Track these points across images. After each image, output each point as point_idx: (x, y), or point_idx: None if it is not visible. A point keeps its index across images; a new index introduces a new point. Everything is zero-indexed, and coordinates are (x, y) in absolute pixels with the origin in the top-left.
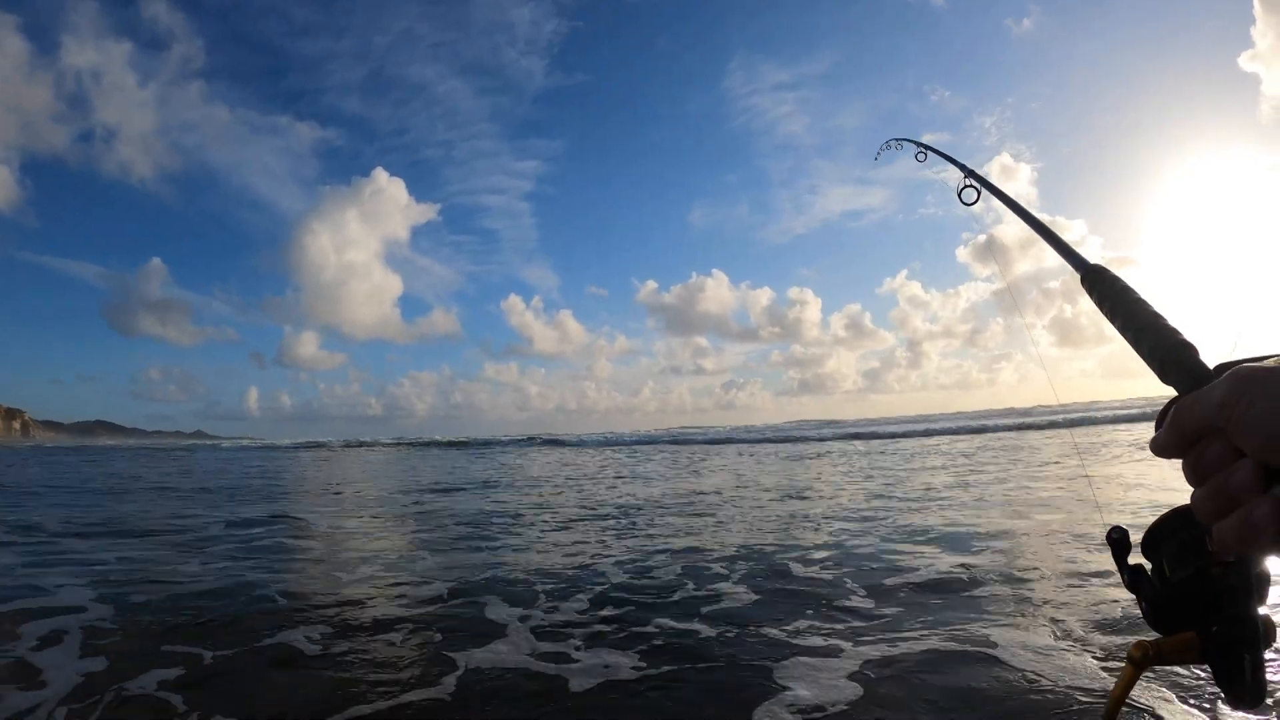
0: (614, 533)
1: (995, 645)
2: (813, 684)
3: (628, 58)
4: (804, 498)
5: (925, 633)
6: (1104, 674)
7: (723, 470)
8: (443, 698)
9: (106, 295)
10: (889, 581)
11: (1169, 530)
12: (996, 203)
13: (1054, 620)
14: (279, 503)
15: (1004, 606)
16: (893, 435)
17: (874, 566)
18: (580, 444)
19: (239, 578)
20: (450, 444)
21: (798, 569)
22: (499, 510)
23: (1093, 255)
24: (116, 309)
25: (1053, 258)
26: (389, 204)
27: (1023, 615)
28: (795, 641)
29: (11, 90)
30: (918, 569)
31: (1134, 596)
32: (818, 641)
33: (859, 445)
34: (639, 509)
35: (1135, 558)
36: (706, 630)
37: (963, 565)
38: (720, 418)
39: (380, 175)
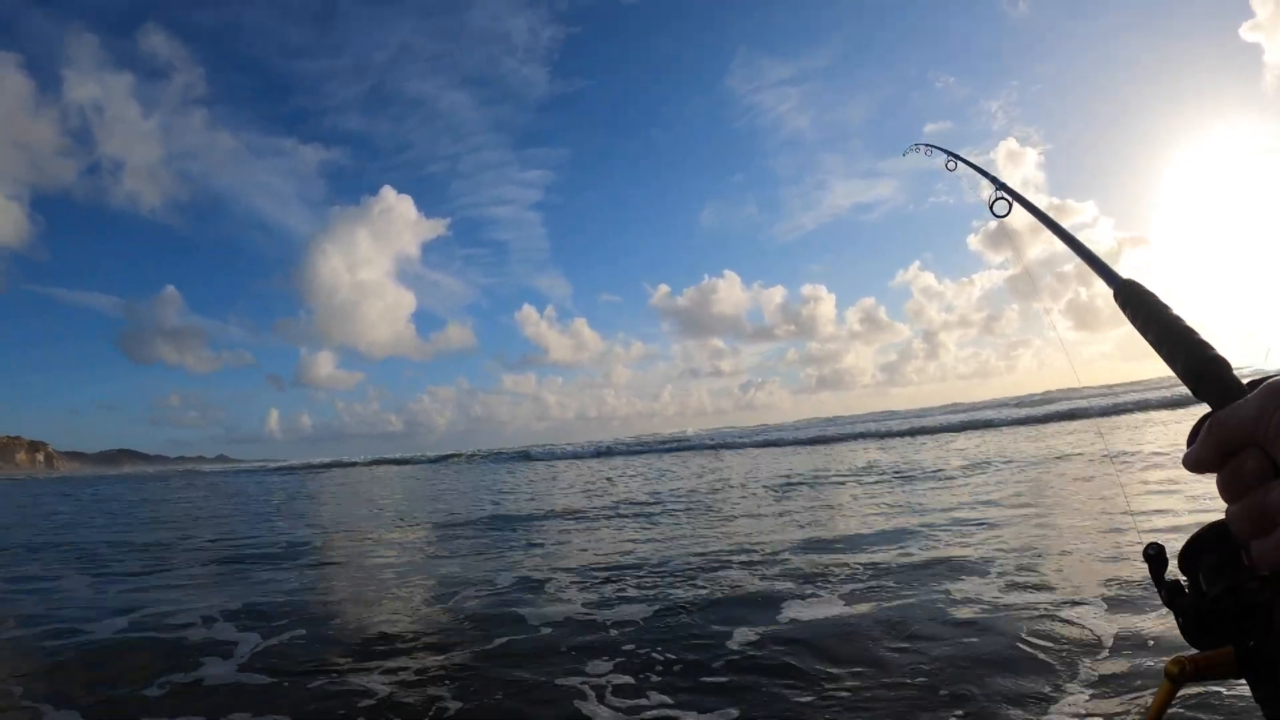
0: None
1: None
2: None
3: (628, 61)
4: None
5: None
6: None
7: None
8: None
9: (121, 325)
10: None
11: (1205, 546)
12: (1011, 186)
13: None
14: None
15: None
16: (913, 432)
17: None
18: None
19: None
20: (510, 455)
21: None
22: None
23: (1105, 236)
24: (132, 338)
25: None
26: (398, 221)
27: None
28: None
29: (17, 128)
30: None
31: (1171, 612)
32: None
33: (879, 453)
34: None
35: (1173, 573)
36: None
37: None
38: (740, 418)
39: (388, 193)
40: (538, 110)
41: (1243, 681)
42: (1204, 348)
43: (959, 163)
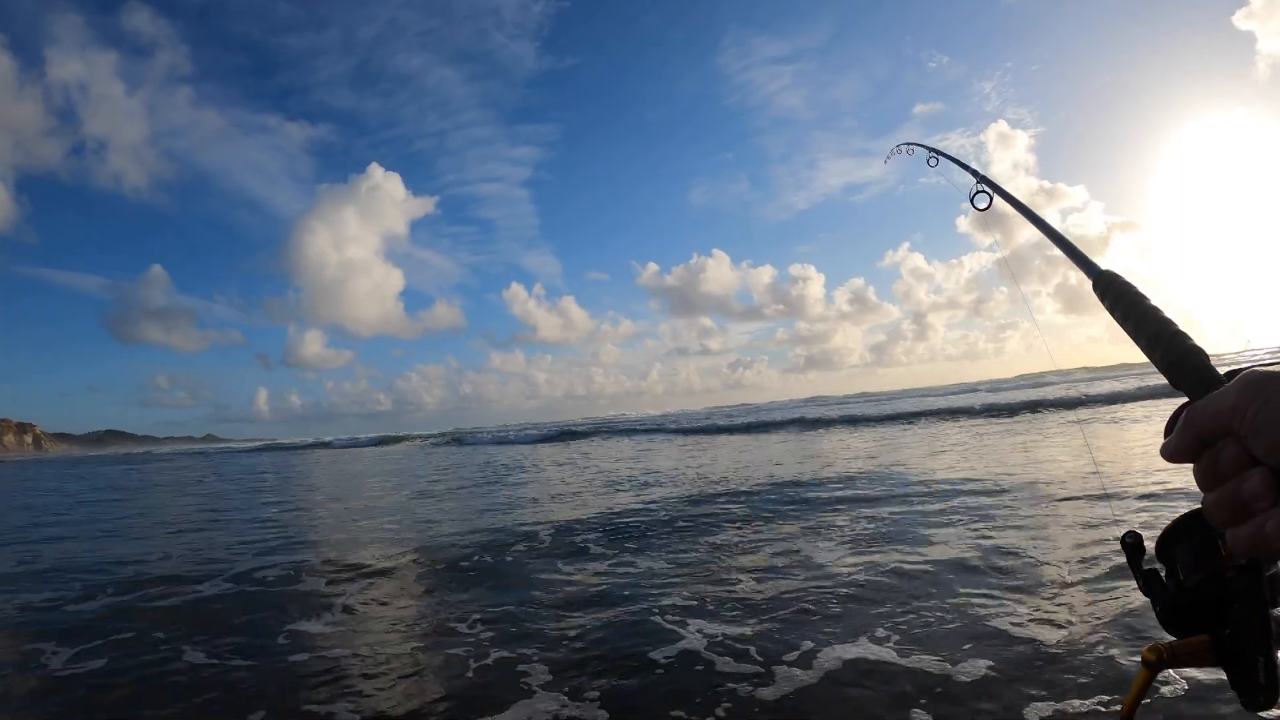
0: None
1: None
2: None
3: (618, 38)
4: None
5: (944, 614)
6: (1119, 677)
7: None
8: None
9: (108, 305)
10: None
11: (1182, 534)
12: (998, 171)
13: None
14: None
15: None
16: (896, 417)
17: None
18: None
19: None
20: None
21: None
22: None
23: (1095, 221)
24: (119, 318)
25: (1055, 224)
26: (386, 199)
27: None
28: None
29: (2, 108)
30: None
31: (1149, 600)
32: None
33: (863, 439)
34: None
35: (1150, 562)
36: None
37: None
38: (728, 397)
39: (376, 170)
40: (527, 86)
41: (1219, 668)
42: (1181, 338)
43: (940, 158)
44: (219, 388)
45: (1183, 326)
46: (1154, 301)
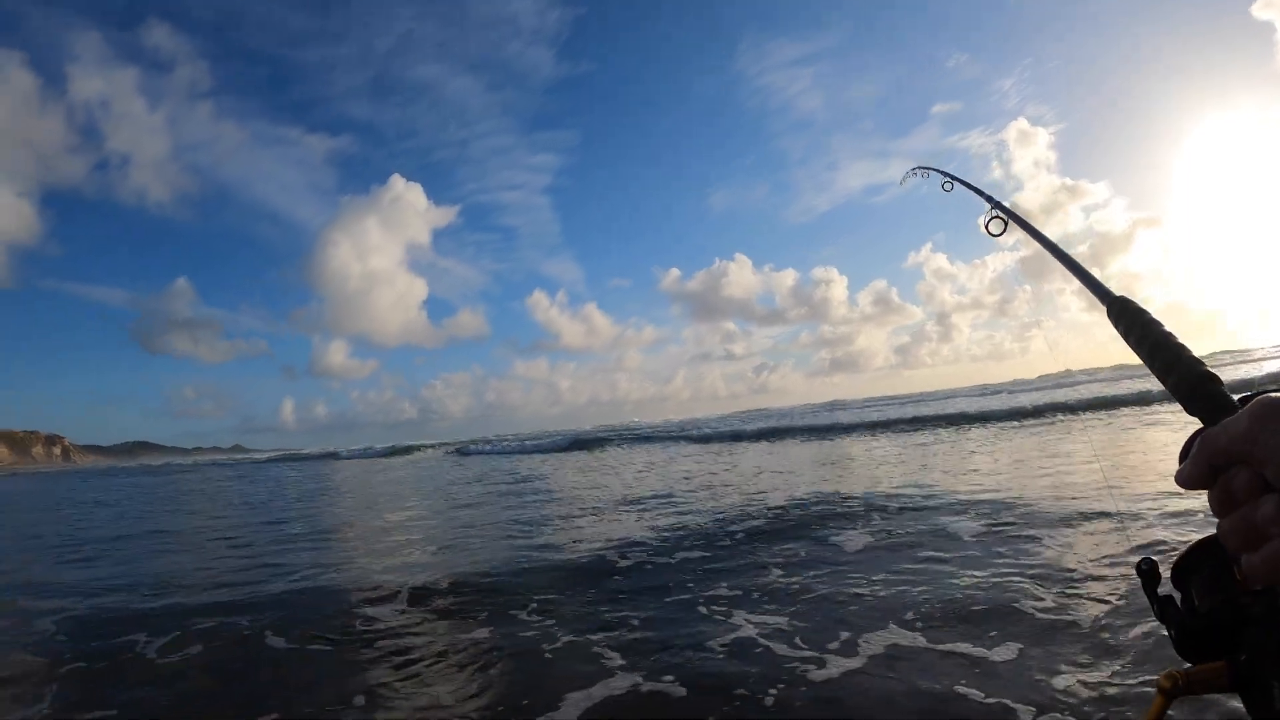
0: None
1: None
2: None
3: (635, 43)
4: None
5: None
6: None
7: None
8: None
9: (134, 318)
10: None
11: (1197, 560)
12: (1018, 169)
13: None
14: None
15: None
16: (923, 422)
17: None
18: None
19: None
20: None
21: None
22: None
23: (1118, 218)
24: (145, 331)
25: (1077, 222)
26: (408, 209)
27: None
28: None
29: (25, 126)
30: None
31: (1164, 626)
32: None
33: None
34: None
35: (1166, 588)
36: None
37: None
38: (753, 401)
39: (397, 181)
40: (545, 94)
41: (1235, 695)
42: (1195, 364)
43: (955, 183)
44: (245, 398)
45: (1208, 324)
46: (1167, 328)
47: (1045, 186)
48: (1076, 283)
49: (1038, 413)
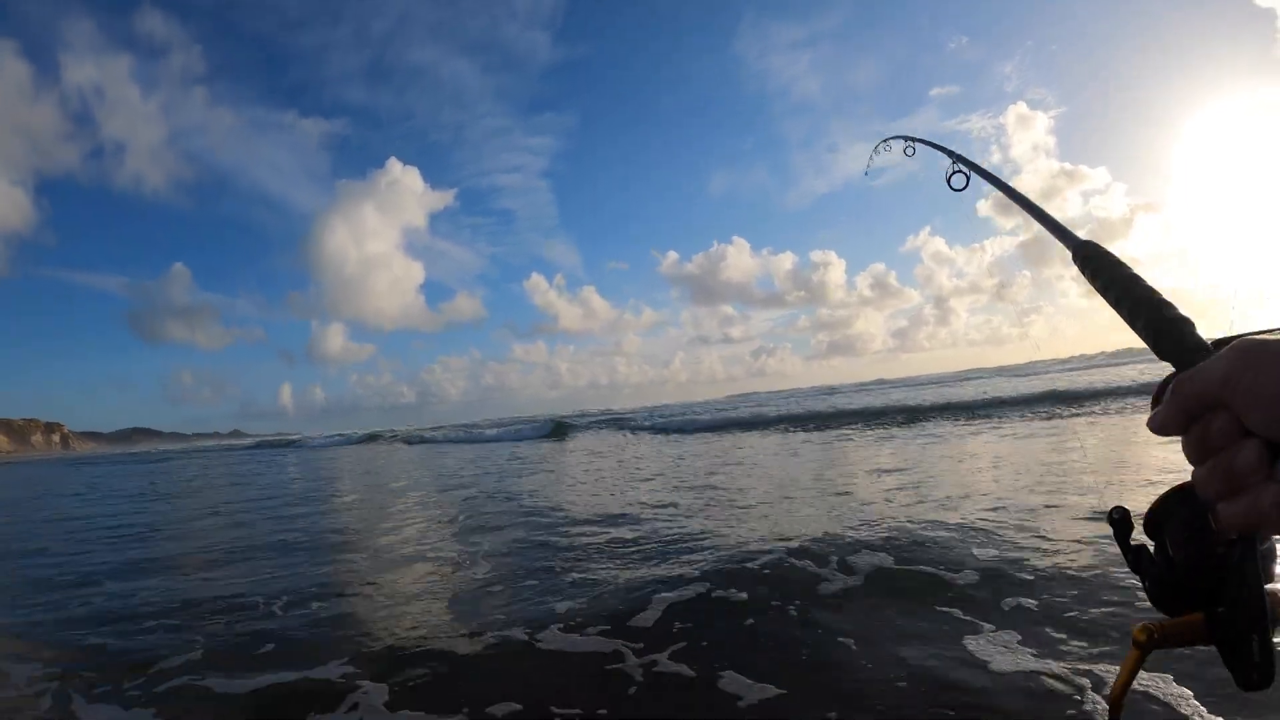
0: None
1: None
2: None
3: (633, 25)
4: None
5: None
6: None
7: None
8: None
9: (131, 304)
10: None
11: (1171, 509)
12: (1016, 154)
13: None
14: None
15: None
16: (921, 411)
17: None
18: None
19: None
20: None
21: None
22: None
23: (1117, 203)
24: (142, 317)
25: (1075, 207)
26: (405, 192)
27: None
28: None
29: (18, 113)
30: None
31: (1138, 578)
32: None
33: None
34: None
35: (1138, 538)
36: None
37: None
38: (752, 384)
39: (394, 165)
40: (542, 76)
41: (1212, 647)
42: (1165, 306)
43: (916, 144)
44: (243, 383)
45: (1212, 302)
46: (1137, 270)
47: (1044, 171)
48: (1074, 269)
49: (1029, 404)
